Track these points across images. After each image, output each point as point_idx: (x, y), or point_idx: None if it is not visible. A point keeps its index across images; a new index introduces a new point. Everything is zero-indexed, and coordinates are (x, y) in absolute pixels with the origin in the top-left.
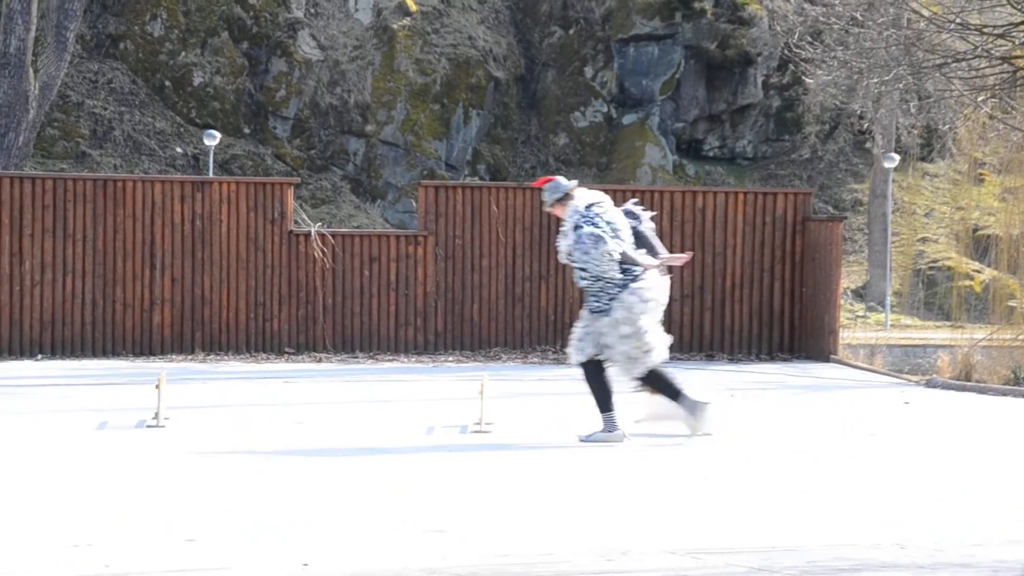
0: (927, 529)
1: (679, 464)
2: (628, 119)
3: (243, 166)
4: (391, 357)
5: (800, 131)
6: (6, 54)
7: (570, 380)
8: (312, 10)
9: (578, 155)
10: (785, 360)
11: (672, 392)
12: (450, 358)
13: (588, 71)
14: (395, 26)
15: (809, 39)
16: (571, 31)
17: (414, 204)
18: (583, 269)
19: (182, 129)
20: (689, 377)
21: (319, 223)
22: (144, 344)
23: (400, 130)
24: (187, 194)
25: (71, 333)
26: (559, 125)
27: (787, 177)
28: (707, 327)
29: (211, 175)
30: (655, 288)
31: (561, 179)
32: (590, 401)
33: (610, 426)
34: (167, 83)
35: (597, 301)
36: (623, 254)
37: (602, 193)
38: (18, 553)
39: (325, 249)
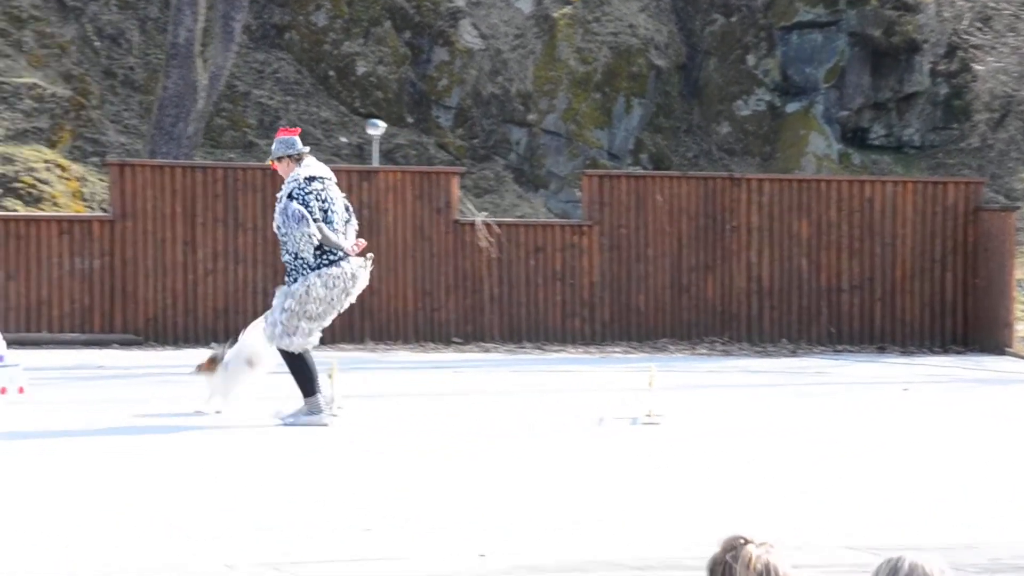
0: None
1: (851, 459)
2: (791, 107)
3: (406, 155)
4: (558, 347)
5: (969, 119)
6: (175, 45)
7: (739, 372)
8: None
9: (741, 144)
10: (959, 353)
11: (306, 386)
12: (617, 349)
13: (751, 59)
14: (556, 15)
15: (978, 25)
16: (733, 19)
17: (577, 193)
18: (285, 243)
19: (346, 119)
20: (862, 371)
21: (484, 212)
22: None
23: (562, 119)
24: (354, 183)
25: (243, 321)
26: (721, 114)
27: (956, 166)
28: (877, 319)
29: (375, 164)
30: (349, 277)
31: (298, 140)
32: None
33: (315, 408)
34: (331, 73)
35: (290, 279)
36: (324, 238)
37: (329, 170)
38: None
39: (491, 238)
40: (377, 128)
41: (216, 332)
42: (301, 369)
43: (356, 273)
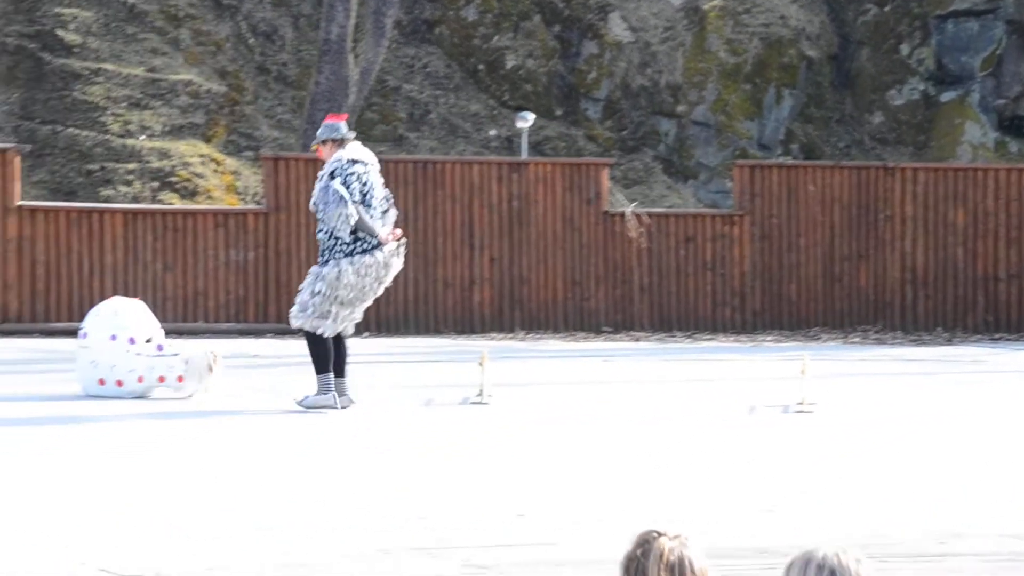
0: None
1: (1012, 449)
2: (946, 96)
3: (555, 147)
4: (708, 336)
5: None
6: (327, 41)
7: (893, 360)
8: None
9: (894, 133)
10: None
11: (321, 364)
12: (768, 338)
13: (904, 48)
14: (706, 7)
15: None
16: (886, 8)
17: (728, 184)
18: (322, 221)
19: (495, 112)
20: (1021, 360)
21: (634, 203)
22: (465, 322)
23: (711, 110)
24: (504, 175)
25: (395, 311)
26: (874, 104)
27: None
28: None
29: (524, 157)
30: (381, 265)
31: (344, 125)
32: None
33: (324, 388)
34: (480, 66)
35: (322, 259)
36: (360, 222)
37: (373, 155)
38: (358, 520)
39: (641, 229)
40: (526, 121)
41: (367, 322)
42: (319, 348)
43: (389, 262)
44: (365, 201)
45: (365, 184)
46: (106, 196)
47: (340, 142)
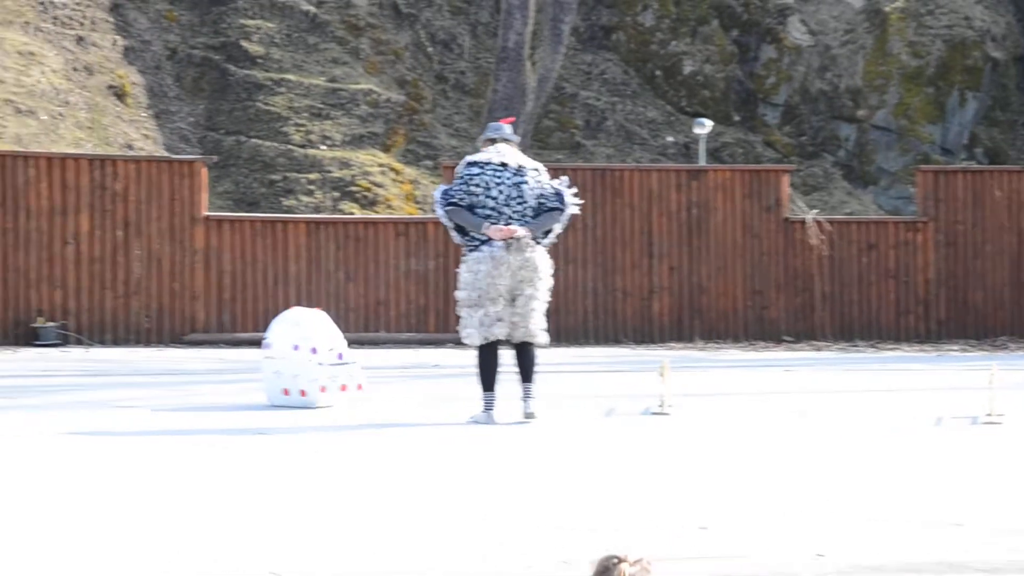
0: None
1: None
2: None
3: (733, 154)
4: (892, 345)
5: None
6: (505, 49)
7: None
8: None
9: None
10: None
11: (482, 382)
12: (954, 347)
13: None
14: (887, 9)
15: None
16: None
17: (911, 189)
18: None
19: (672, 118)
20: None
21: (814, 210)
22: (644, 332)
23: (892, 114)
24: (683, 183)
25: (575, 321)
26: None
27: None
28: None
29: (702, 163)
30: (488, 259)
31: (507, 128)
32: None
33: (485, 405)
34: (658, 72)
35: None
36: (462, 219)
37: (508, 157)
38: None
39: (822, 236)
40: (704, 127)
41: (551, 331)
42: (478, 362)
43: (496, 256)
44: (475, 202)
45: (477, 185)
46: (288, 206)
47: (492, 141)
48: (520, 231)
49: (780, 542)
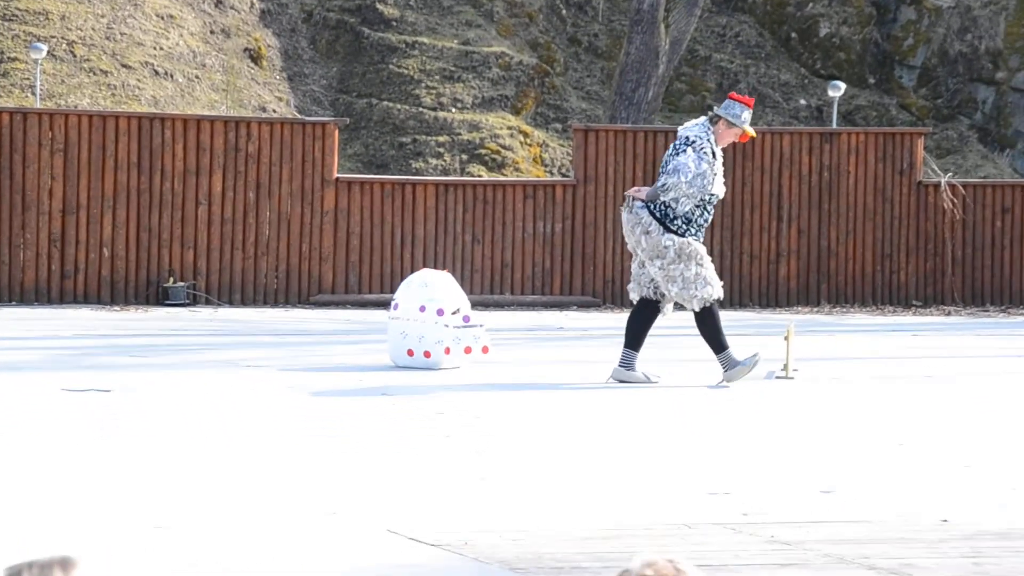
0: None
1: None
2: None
3: (866, 116)
4: (1023, 311)
5: None
6: (639, 11)
7: None
8: None
9: None
10: None
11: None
12: None
13: None
14: None
15: None
16: None
17: None
18: None
19: (806, 81)
20: None
21: (948, 173)
22: (770, 295)
23: None
24: (815, 146)
25: None
26: None
27: None
28: None
29: (835, 126)
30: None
31: (734, 104)
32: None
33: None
34: (793, 35)
35: None
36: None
37: (685, 128)
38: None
39: (955, 200)
40: (838, 90)
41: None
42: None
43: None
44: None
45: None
46: (416, 168)
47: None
48: (632, 191)
49: (904, 507)
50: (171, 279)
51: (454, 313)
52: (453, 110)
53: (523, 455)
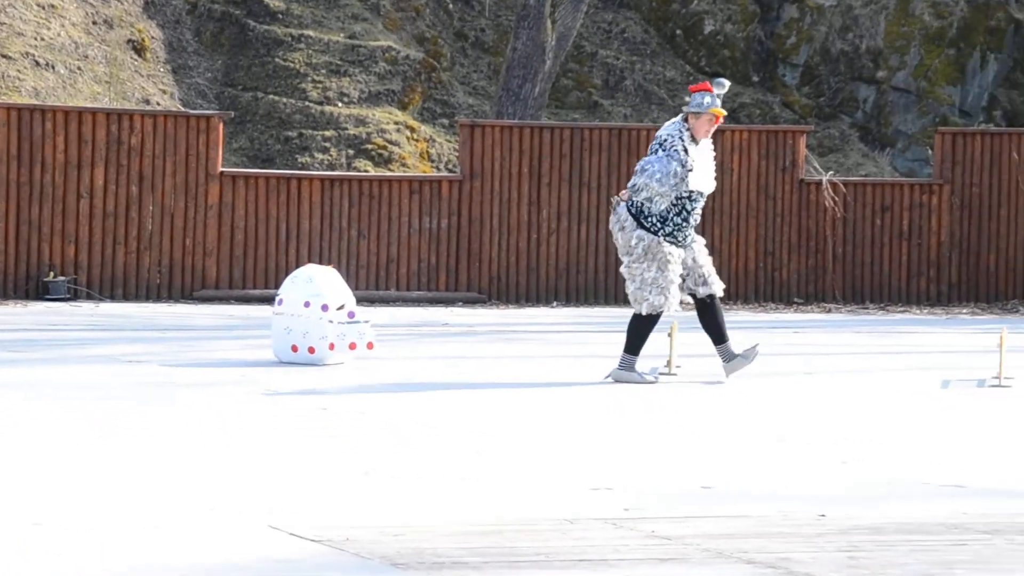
0: None
1: None
2: None
3: (750, 114)
4: (902, 308)
5: None
6: (527, 6)
7: None
8: None
9: None
10: None
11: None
12: (964, 310)
13: None
14: None
15: None
16: None
17: (929, 152)
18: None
19: (691, 78)
20: None
21: (830, 171)
22: None
23: (912, 76)
24: None
25: (584, 280)
26: None
27: None
28: None
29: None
30: None
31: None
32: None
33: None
34: (678, 32)
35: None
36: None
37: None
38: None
39: (836, 198)
40: (722, 87)
41: (557, 291)
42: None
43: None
44: None
45: None
46: (302, 163)
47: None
48: (620, 194)
49: (783, 502)
50: (51, 273)
51: (339, 309)
52: (339, 104)
53: (406, 451)
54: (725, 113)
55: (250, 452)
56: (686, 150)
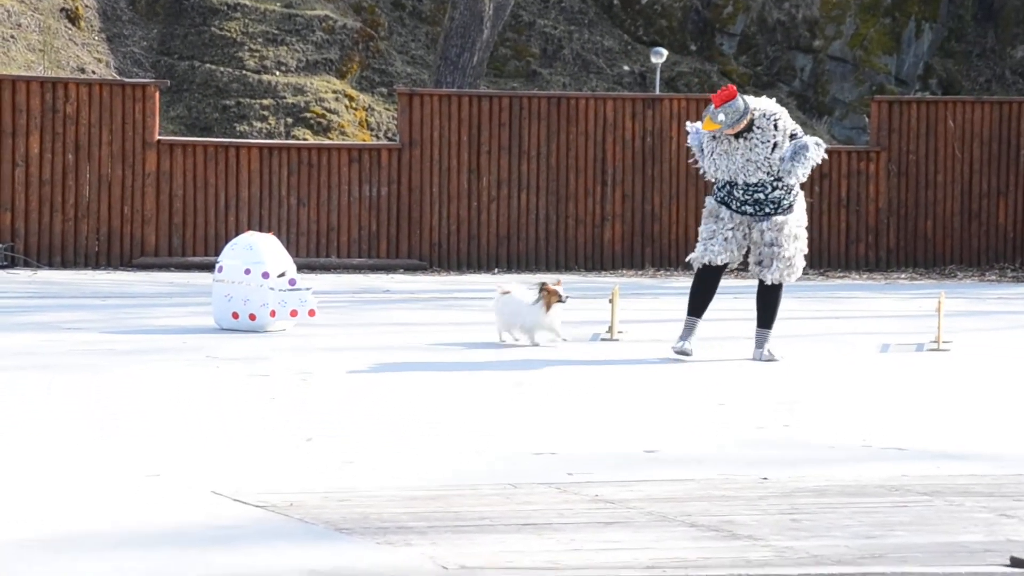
0: None
1: None
2: None
3: (688, 83)
4: (841, 274)
5: None
6: None
7: None
8: None
9: None
10: None
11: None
12: (902, 275)
13: None
14: None
15: None
16: None
17: (866, 120)
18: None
19: (629, 47)
20: None
21: None
22: (595, 259)
23: (848, 45)
24: (638, 111)
25: (525, 248)
26: (1017, 37)
27: None
28: None
29: (657, 92)
30: None
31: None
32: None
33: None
34: (616, 1)
35: (786, 211)
36: None
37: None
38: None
39: None
40: (660, 56)
41: (498, 258)
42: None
43: None
44: None
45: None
46: (241, 131)
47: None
48: None
49: (725, 466)
50: None
51: (280, 276)
52: (277, 73)
53: (350, 417)
54: (718, 126)
55: (192, 419)
56: (701, 148)
